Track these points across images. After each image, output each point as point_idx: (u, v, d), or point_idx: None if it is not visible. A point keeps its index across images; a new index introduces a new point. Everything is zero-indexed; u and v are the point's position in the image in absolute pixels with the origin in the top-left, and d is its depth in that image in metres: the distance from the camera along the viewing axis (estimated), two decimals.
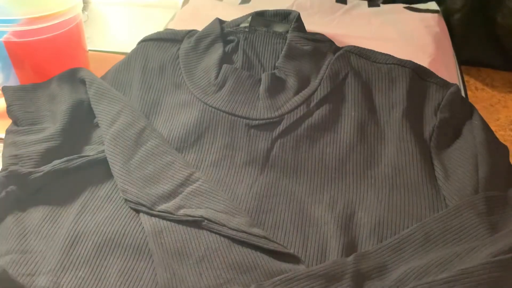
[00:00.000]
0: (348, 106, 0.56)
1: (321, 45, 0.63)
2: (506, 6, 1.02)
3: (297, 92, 0.58)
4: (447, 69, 0.76)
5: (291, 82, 0.59)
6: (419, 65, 0.59)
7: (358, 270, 0.41)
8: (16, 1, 0.67)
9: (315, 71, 0.60)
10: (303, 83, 0.59)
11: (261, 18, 0.66)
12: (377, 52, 0.61)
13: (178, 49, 0.65)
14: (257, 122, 0.55)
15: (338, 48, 0.63)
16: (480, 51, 1.10)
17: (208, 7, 0.91)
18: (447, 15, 1.00)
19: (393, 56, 0.60)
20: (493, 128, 0.53)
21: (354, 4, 0.95)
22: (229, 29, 0.66)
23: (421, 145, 0.52)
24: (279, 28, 0.65)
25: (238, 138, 0.54)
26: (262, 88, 0.58)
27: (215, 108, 0.57)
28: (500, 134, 0.92)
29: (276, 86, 0.59)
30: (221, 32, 0.65)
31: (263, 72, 0.61)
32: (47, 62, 0.67)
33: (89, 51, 0.76)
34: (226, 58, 0.63)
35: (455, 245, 0.41)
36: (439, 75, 0.59)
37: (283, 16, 0.67)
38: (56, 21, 0.64)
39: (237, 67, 0.61)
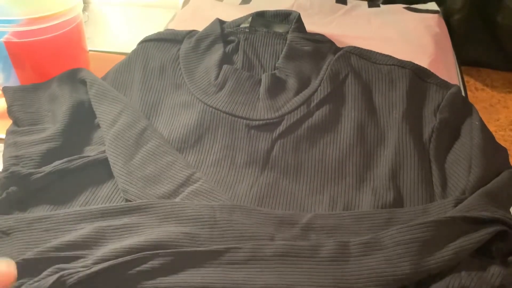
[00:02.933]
0: (348, 107, 0.56)
1: (322, 45, 0.63)
2: (506, 6, 1.02)
3: (297, 93, 0.58)
4: (447, 69, 0.76)
5: (291, 82, 0.59)
6: (419, 66, 0.59)
7: (311, 224, 0.44)
8: (16, 1, 0.67)
9: (315, 71, 0.60)
10: (303, 83, 0.59)
11: (261, 18, 0.66)
12: (378, 53, 0.61)
13: (179, 49, 0.65)
14: (257, 122, 0.55)
15: (338, 49, 0.63)
16: (480, 51, 1.10)
17: (208, 7, 0.91)
18: (447, 15, 1.01)
19: (393, 57, 0.60)
20: (493, 129, 0.53)
21: (354, 4, 0.95)
22: (229, 29, 0.66)
23: (420, 147, 0.52)
24: (280, 29, 0.65)
25: (238, 139, 0.54)
26: (262, 88, 0.58)
27: (215, 108, 0.57)
28: (500, 134, 0.92)
29: (276, 86, 0.59)
30: (222, 32, 0.65)
31: (263, 73, 0.61)
32: (47, 62, 0.67)
33: (90, 51, 0.76)
34: (226, 59, 0.63)
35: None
36: (439, 75, 0.59)
37: (284, 16, 0.67)
38: (56, 22, 0.64)
39: (237, 67, 0.61)
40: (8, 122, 0.58)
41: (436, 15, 0.89)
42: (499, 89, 1.07)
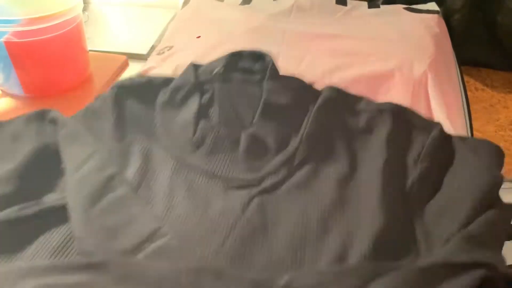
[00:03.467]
0: (329, 163, 0.54)
1: (299, 95, 0.60)
2: (506, 6, 1.02)
3: (277, 152, 0.55)
4: (447, 69, 0.76)
5: (270, 142, 0.56)
6: (399, 107, 0.56)
7: (289, 286, 0.39)
8: (16, 1, 0.67)
9: (295, 127, 0.57)
10: (282, 142, 0.56)
11: (235, 62, 0.63)
12: (357, 97, 0.59)
13: (154, 100, 0.61)
14: (236, 183, 0.52)
15: (316, 95, 0.59)
16: (480, 51, 1.11)
17: (209, 7, 0.91)
18: (447, 15, 1.01)
19: (371, 102, 0.58)
20: (493, 129, 0.53)
21: (354, 5, 0.95)
22: (204, 76, 0.63)
23: (404, 198, 0.49)
24: (255, 75, 0.62)
25: (213, 196, 0.51)
26: (241, 149, 0.56)
27: (191, 167, 0.54)
28: (500, 135, 0.92)
29: (255, 147, 0.56)
30: (196, 80, 0.62)
31: (242, 127, 0.58)
32: (47, 62, 0.67)
33: (89, 51, 0.76)
34: (202, 112, 0.60)
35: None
36: (439, 75, 0.58)
37: (259, 57, 0.63)
38: (56, 22, 0.64)
39: (214, 123, 0.58)
40: None
41: (436, 15, 0.89)
42: (499, 89, 1.07)
